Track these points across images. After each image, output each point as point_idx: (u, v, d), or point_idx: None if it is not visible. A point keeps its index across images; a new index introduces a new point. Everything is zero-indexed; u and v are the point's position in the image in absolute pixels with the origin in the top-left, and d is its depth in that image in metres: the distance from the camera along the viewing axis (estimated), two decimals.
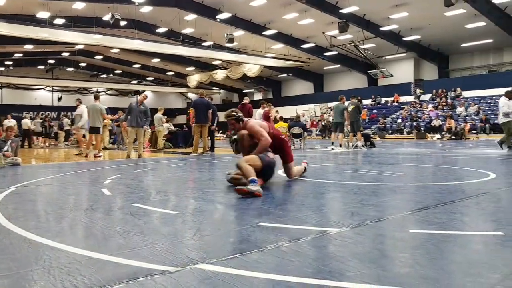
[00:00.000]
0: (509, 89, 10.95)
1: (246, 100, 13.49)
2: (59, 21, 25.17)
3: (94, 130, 11.62)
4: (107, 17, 23.78)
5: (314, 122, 32.18)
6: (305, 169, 5.84)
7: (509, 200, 3.75)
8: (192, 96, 45.46)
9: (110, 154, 12.37)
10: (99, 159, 10.61)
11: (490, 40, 27.45)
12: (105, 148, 14.27)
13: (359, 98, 33.90)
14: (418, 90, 30.87)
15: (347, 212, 3.36)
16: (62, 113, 39.94)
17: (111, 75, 45.06)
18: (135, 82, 46.12)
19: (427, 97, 30.37)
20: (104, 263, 2.17)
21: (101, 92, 41.82)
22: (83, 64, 42.30)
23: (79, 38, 25.36)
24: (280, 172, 5.70)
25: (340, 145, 13.49)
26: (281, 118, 15.65)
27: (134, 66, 42.02)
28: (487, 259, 2.14)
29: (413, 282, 1.83)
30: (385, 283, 1.83)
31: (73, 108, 14.13)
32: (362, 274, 1.95)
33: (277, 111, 15.84)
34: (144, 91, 43.52)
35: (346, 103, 13.28)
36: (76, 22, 25.36)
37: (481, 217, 3.12)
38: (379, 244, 2.47)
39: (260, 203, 3.90)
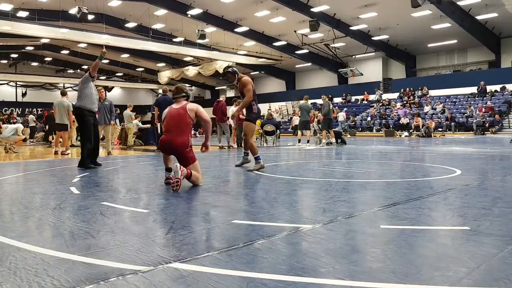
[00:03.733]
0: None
1: (221, 98, 13.55)
2: (22, 13, 24.23)
3: (61, 127, 11.28)
4: (73, 11, 23.07)
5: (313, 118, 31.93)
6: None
7: (474, 196, 3.89)
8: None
9: (78, 152, 12.03)
10: (67, 157, 10.31)
11: (455, 41, 28.39)
12: (72, 146, 13.87)
13: (330, 96, 34.39)
14: (378, 92, 31.67)
15: (319, 208, 3.40)
16: (27, 109, 38.52)
17: (78, 71, 43.80)
18: (104, 78, 45.01)
19: (395, 95, 31.13)
20: (73, 263, 2.11)
21: (67, 88, 40.60)
22: (49, 59, 40.94)
23: (44, 32, 24.47)
24: None
25: (308, 141, 13.78)
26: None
27: (102, 61, 41.01)
28: (455, 253, 2.21)
29: (384, 277, 1.87)
30: (357, 278, 1.87)
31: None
32: (334, 269, 1.98)
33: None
34: (113, 87, 42.66)
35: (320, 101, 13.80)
36: (40, 15, 24.48)
37: (448, 212, 3.23)
38: (350, 240, 2.51)
39: (234, 200, 3.89)
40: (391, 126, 26.33)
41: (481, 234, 2.55)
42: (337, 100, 34.29)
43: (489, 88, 26.32)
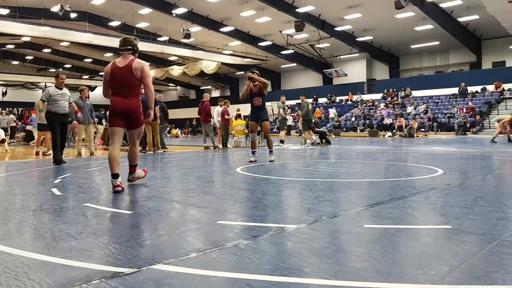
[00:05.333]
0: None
1: (205, 98, 13.38)
2: (3, 11, 23.74)
3: (43, 128, 11.07)
4: (55, 9, 22.69)
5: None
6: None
7: (455, 195, 3.96)
8: None
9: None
10: (48, 158, 10.13)
11: (437, 43, 28.85)
12: None
13: (315, 96, 34.55)
14: (359, 94, 32.05)
15: (304, 208, 3.41)
16: (8, 109, 37.73)
17: (61, 69, 43.09)
18: (87, 77, 44.39)
19: (378, 96, 31.49)
20: (54, 266, 2.07)
21: (49, 87, 39.88)
22: (30, 58, 40.15)
23: (25, 30, 24.02)
24: None
25: (282, 142, 13.94)
26: (238, 115, 15.67)
27: (85, 60, 40.43)
28: (437, 252, 2.24)
29: (368, 276, 1.89)
30: (341, 277, 1.88)
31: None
32: (319, 269, 1.98)
33: (238, 109, 15.96)
34: (96, 86, 42.06)
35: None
36: (22, 13, 24.01)
37: (431, 212, 3.27)
38: (335, 240, 2.52)
39: (219, 201, 3.88)
40: (374, 126, 26.61)
41: (462, 232, 2.59)
42: (322, 100, 34.52)
43: (470, 89, 26.83)
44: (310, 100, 13.92)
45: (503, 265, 2.00)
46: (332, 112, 29.25)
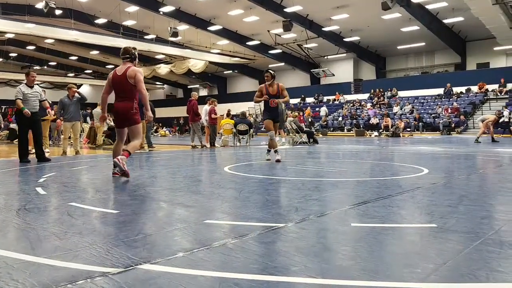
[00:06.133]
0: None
1: (193, 97, 13.32)
2: None
3: None
4: (40, 5, 22.33)
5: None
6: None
7: (440, 194, 4.01)
8: None
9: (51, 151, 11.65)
10: (31, 156, 9.97)
11: (423, 44, 29.19)
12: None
13: (302, 96, 34.62)
14: (343, 96, 32.30)
15: (291, 207, 3.42)
16: None
17: (45, 67, 42.48)
18: (72, 75, 43.83)
19: (365, 96, 31.75)
20: (38, 266, 2.04)
21: (20, 85, 39.20)
22: (14, 55, 39.45)
23: (9, 27, 23.56)
24: None
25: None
26: (228, 114, 15.65)
27: (70, 58, 39.88)
28: (422, 250, 2.27)
29: (355, 274, 1.90)
30: (328, 276, 1.88)
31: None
32: (306, 268, 1.99)
33: (229, 110, 15.98)
34: (81, 84, 41.55)
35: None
36: (5, 9, 23.60)
37: (417, 210, 3.31)
38: (322, 238, 2.53)
39: (206, 200, 3.87)
40: (361, 126, 26.82)
41: (447, 231, 2.62)
42: (310, 100, 34.68)
43: (455, 89, 27.23)
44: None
45: (487, 263, 2.03)
46: (323, 110, 29.51)
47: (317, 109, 31.15)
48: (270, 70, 7.85)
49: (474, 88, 26.77)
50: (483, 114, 21.96)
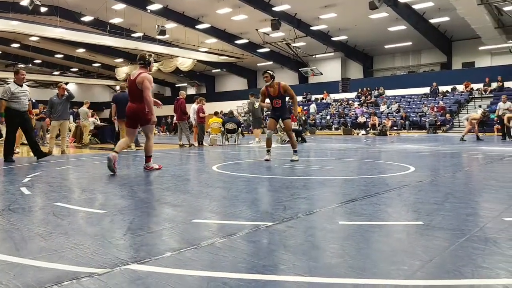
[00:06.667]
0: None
1: (181, 95, 13.26)
2: None
3: None
4: (25, 2, 21.96)
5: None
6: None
7: (427, 192, 4.05)
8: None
9: (29, 150, 11.48)
10: (16, 156, 9.81)
11: (410, 43, 29.48)
12: (23, 144, 13.22)
13: (268, 71, 34.64)
14: (329, 97, 32.45)
15: (279, 206, 3.42)
16: None
17: (30, 65, 41.83)
18: (58, 73, 43.25)
19: (353, 95, 31.95)
20: (23, 267, 2.01)
21: (9, 84, 38.58)
22: None
23: None
24: None
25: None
26: (216, 113, 15.61)
27: (56, 56, 39.35)
28: (409, 247, 2.29)
29: (343, 272, 1.91)
30: (316, 274, 1.89)
31: None
32: (295, 266, 1.99)
33: (222, 111, 15.99)
34: (67, 83, 41.01)
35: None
36: None
37: (403, 208, 3.34)
38: (310, 237, 2.54)
39: (194, 199, 3.85)
40: (349, 124, 26.99)
41: (433, 228, 2.65)
42: (298, 98, 34.69)
43: (441, 88, 27.56)
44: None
45: (472, 259, 2.06)
46: (312, 107, 29.65)
47: (305, 107, 31.22)
48: (268, 71, 7.54)
49: (460, 87, 27.14)
50: (468, 112, 22.28)
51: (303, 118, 26.98)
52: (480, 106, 23.59)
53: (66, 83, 8.73)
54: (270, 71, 7.59)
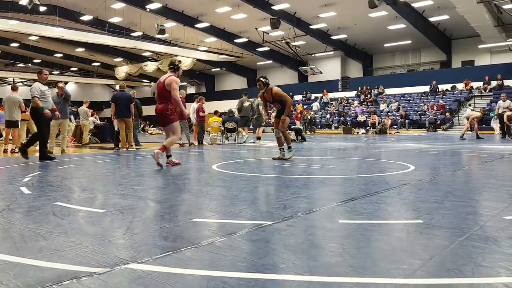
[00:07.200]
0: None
1: (181, 94, 13.26)
2: None
3: (11, 124, 10.72)
4: (24, 1, 21.93)
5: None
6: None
7: (427, 190, 4.05)
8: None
9: (29, 150, 11.47)
10: (17, 155, 9.81)
11: (409, 42, 29.47)
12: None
13: (290, 94, 34.61)
14: (325, 97, 32.39)
15: (280, 205, 3.42)
16: None
17: (29, 65, 41.81)
18: (57, 72, 43.19)
19: (352, 94, 31.95)
20: (23, 267, 2.01)
21: (18, 82, 38.64)
22: None
23: None
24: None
25: (259, 138, 14.03)
26: (216, 112, 15.61)
27: (55, 55, 39.32)
28: (409, 246, 2.29)
29: (343, 271, 1.91)
30: (316, 273, 1.89)
31: None
32: (294, 265, 1.99)
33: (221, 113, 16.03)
34: (67, 82, 40.98)
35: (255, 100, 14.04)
36: None
37: (403, 207, 3.34)
38: (310, 236, 2.54)
39: (194, 198, 3.85)
40: (349, 123, 26.99)
41: (433, 227, 2.65)
42: (298, 97, 34.74)
43: (441, 87, 27.55)
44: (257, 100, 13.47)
45: (472, 258, 2.06)
46: (315, 105, 29.62)
47: (305, 106, 31.21)
48: (261, 78, 7.49)
49: (459, 86, 27.13)
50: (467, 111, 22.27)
51: (309, 117, 27.00)
52: (470, 105, 23.71)
53: (66, 83, 8.71)
54: (263, 78, 7.53)
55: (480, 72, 26.39)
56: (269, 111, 7.53)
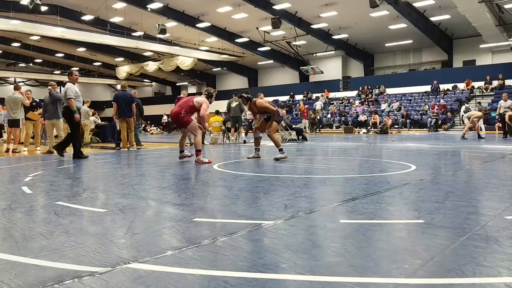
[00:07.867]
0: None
1: (183, 94, 13.29)
2: None
3: (13, 124, 10.73)
4: (25, 1, 21.94)
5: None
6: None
7: (428, 190, 4.05)
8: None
9: (30, 149, 11.50)
10: (18, 155, 9.83)
11: (410, 41, 29.44)
12: (20, 143, 13.21)
13: (291, 93, 34.67)
14: (322, 98, 32.35)
15: (281, 204, 3.42)
16: None
17: (31, 64, 41.85)
18: (58, 72, 43.24)
19: (353, 93, 31.93)
20: (25, 266, 2.01)
21: (19, 82, 38.68)
22: None
23: None
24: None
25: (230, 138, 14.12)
26: (217, 112, 15.62)
27: (57, 55, 39.35)
28: (410, 246, 2.29)
29: (344, 271, 1.91)
30: (317, 273, 1.89)
31: None
32: (295, 265, 1.99)
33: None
34: (66, 82, 41.03)
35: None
36: None
37: (404, 206, 3.34)
38: (311, 235, 2.54)
39: (195, 198, 3.85)
40: (350, 123, 26.97)
41: (434, 227, 2.65)
42: (298, 97, 34.77)
43: (442, 86, 27.53)
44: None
45: (474, 258, 2.06)
46: (319, 104, 29.63)
47: (307, 106, 31.20)
48: (243, 94, 7.61)
49: (461, 85, 27.10)
50: (468, 111, 22.22)
51: (318, 117, 26.97)
52: (465, 105, 23.66)
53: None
54: (245, 93, 7.65)
55: (481, 72, 26.36)
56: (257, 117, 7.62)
